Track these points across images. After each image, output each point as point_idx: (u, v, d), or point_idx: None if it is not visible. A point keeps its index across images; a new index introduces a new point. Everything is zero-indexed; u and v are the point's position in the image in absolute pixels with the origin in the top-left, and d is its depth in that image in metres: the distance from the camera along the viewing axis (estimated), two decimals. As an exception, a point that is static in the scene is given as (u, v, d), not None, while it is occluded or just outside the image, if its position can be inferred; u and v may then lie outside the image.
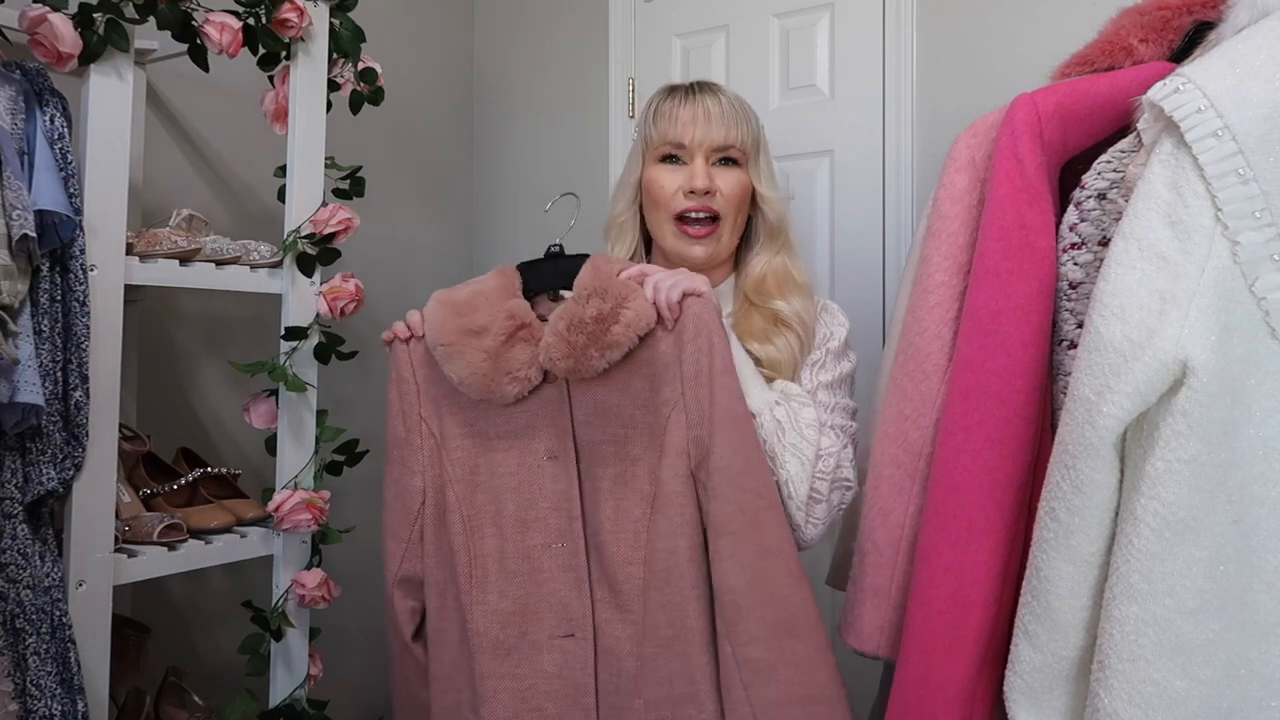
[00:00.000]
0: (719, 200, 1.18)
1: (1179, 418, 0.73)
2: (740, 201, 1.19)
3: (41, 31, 1.21)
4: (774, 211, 1.21)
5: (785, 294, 1.19)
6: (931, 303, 1.00)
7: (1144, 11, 1.00)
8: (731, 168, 1.19)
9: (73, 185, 1.24)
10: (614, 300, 1.09)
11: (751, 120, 1.20)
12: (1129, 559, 0.75)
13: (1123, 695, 0.75)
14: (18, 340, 1.15)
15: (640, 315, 1.08)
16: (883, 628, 1.05)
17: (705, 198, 1.17)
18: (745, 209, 1.21)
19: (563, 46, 2.37)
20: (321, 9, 1.54)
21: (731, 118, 1.18)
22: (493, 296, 1.18)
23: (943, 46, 1.83)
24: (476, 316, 1.15)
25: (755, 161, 1.20)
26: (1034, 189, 0.91)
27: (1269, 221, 0.72)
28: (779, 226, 1.22)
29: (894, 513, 1.04)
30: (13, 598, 1.17)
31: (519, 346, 1.14)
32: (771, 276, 1.20)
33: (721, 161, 1.19)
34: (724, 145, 1.18)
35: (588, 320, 1.09)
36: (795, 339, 1.17)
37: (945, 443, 0.95)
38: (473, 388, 1.14)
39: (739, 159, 1.19)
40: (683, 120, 1.18)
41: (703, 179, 1.17)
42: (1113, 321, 0.75)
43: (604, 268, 1.14)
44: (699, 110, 1.18)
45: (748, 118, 1.20)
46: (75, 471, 1.24)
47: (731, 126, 1.17)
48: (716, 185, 1.17)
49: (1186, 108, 0.73)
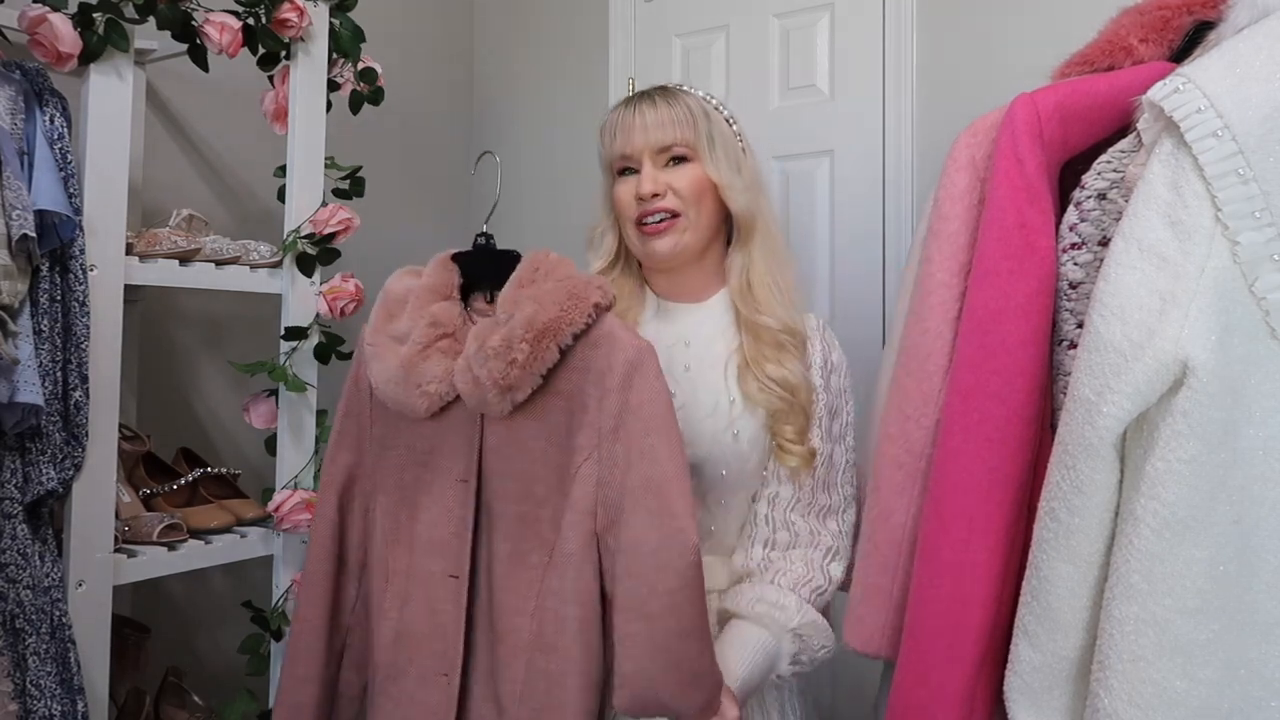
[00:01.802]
0: (671, 199, 1.16)
1: (1179, 418, 0.73)
2: (698, 194, 1.17)
3: (41, 31, 1.21)
4: (737, 202, 1.18)
5: (770, 303, 1.17)
6: (933, 302, 1.00)
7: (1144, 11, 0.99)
8: (683, 165, 1.17)
9: (72, 185, 1.24)
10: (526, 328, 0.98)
11: (696, 116, 1.18)
12: (1129, 559, 0.75)
13: (1123, 695, 0.74)
14: (17, 340, 1.15)
15: (541, 358, 0.98)
16: (884, 629, 1.04)
17: (655, 200, 1.17)
18: (709, 202, 1.18)
19: (563, 46, 2.37)
20: (321, 9, 1.54)
21: (669, 117, 1.17)
22: (422, 297, 1.08)
23: (943, 46, 1.83)
24: (400, 319, 1.08)
25: (710, 153, 1.17)
26: (1034, 188, 0.91)
27: (1269, 221, 0.72)
28: (747, 216, 1.19)
29: (895, 513, 1.03)
30: (12, 598, 1.17)
31: (435, 358, 1.04)
32: (755, 278, 1.18)
33: (672, 161, 1.18)
34: (666, 145, 1.17)
35: (489, 351, 0.99)
36: (797, 359, 1.16)
37: (945, 442, 0.95)
38: (387, 396, 1.07)
39: (688, 155, 1.17)
40: (623, 130, 1.19)
41: (649, 184, 1.16)
42: (1113, 322, 0.75)
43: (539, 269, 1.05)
44: (637, 119, 1.18)
45: (691, 113, 1.17)
46: (75, 471, 1.24)
47: (669, 127, 1.16)
48: (667, 184, 1.17)
49: (1186, 107, 0.73)
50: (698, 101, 1.19)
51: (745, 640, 1.11)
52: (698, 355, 1.19)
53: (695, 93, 1.22)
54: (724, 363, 1.18)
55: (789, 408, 1.14)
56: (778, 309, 1.16)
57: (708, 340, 1.19)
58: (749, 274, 1.18)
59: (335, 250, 1.57)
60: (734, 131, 1.22)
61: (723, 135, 1.19)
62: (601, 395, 0.99)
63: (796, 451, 1.13)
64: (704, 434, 1.15)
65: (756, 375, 1.14)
